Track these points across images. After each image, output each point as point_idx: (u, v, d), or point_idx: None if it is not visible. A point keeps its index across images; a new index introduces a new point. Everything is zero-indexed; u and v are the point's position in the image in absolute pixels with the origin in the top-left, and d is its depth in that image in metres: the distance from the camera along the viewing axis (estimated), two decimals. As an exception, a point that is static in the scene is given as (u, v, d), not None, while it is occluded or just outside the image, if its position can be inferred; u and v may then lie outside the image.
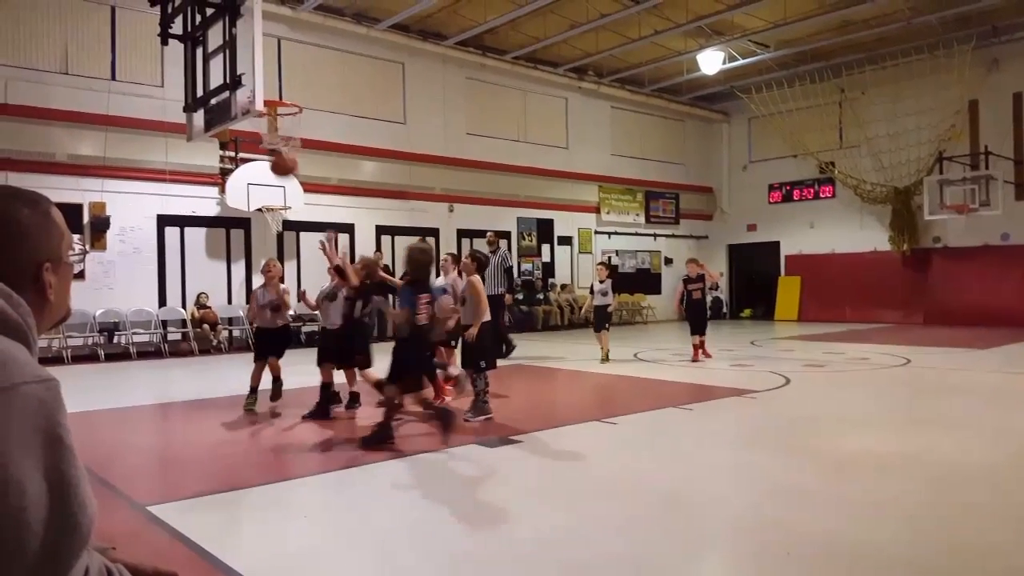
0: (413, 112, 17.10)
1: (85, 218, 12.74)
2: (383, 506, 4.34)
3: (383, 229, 16.34)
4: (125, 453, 5.92)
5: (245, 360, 7.69)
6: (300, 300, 8.06)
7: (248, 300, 13.51)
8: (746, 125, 22.68)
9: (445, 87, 17.64)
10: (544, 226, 19.72)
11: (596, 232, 20.95)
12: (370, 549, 3.64)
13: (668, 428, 6.50)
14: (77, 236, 11.64)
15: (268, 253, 13.58)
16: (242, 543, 3.70)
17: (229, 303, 14.39)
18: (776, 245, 22.21)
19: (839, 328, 17.66)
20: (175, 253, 13.87)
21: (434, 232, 17.18)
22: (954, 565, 3.34)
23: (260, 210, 13.71)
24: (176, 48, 9.52)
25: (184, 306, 13.79)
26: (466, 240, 17.25)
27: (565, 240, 20.27)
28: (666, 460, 5.41)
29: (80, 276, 11.85)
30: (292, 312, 8.04)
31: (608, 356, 11.22)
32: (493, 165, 18.25)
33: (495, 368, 6.91)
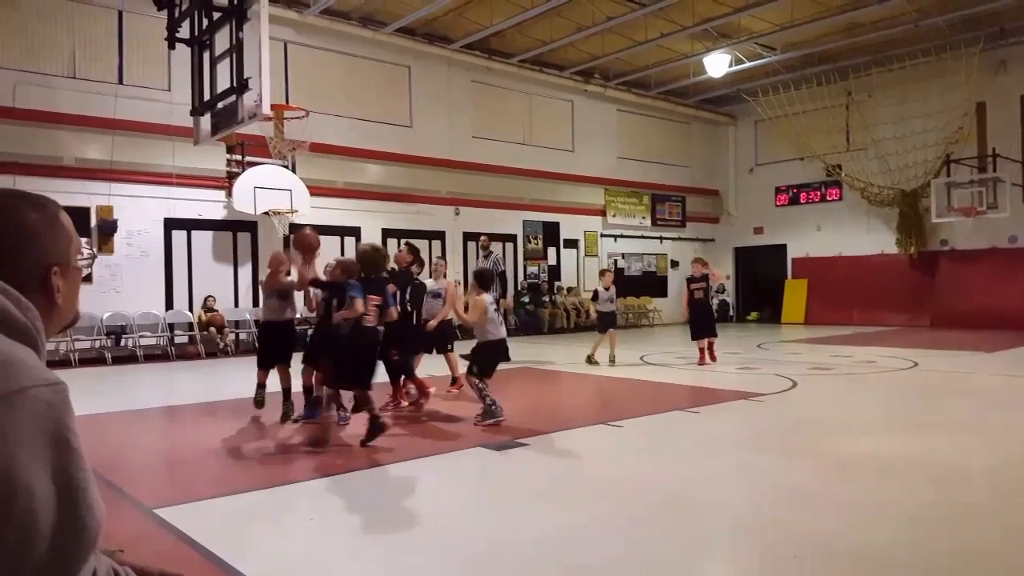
0: (419, 115, 17.12)
1: (93, 222, 12.80)
2: (389, 508, 4.34)
3: (389, 232, 16.35)
4: (132, 456, 5.94)
5: (252, 363, 7.68)
6: (305, 303, 8.03)
7: (255, 303, 13.62)
8: (753, 128, 22.64)
9: (451, 90, 17.67)
10: (550, 229, 19.71)
11: (602, 235, 20.92)
12: (377, 551, 3.64)
13: (674, 431, 6.49)
14: (85, 240, 11.76)
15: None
16: (249, 546, 3.70)
17: (236, 306, 14.41)
18: (783, 248, 22.17)
19: (846, 331, 17.59)
20: (182, 256, 13.91)
21: (440, 235, 17.22)
22: (955, 566, 3.33)
23: (267, 213, 13.74)
24: (183, 52, 9.58)
25: (191, 309, 13.83)
26: (472, 243, 17.25)
27: (571, 243, 20.25)
28: (671, 463, 5.40)
29: (87, 279, 11.88)
30: (300, 312, 7.97)
31: (614, 359, 11.22)
32: (499, 168, 18.25)
33: (490, 377, 6.84)
